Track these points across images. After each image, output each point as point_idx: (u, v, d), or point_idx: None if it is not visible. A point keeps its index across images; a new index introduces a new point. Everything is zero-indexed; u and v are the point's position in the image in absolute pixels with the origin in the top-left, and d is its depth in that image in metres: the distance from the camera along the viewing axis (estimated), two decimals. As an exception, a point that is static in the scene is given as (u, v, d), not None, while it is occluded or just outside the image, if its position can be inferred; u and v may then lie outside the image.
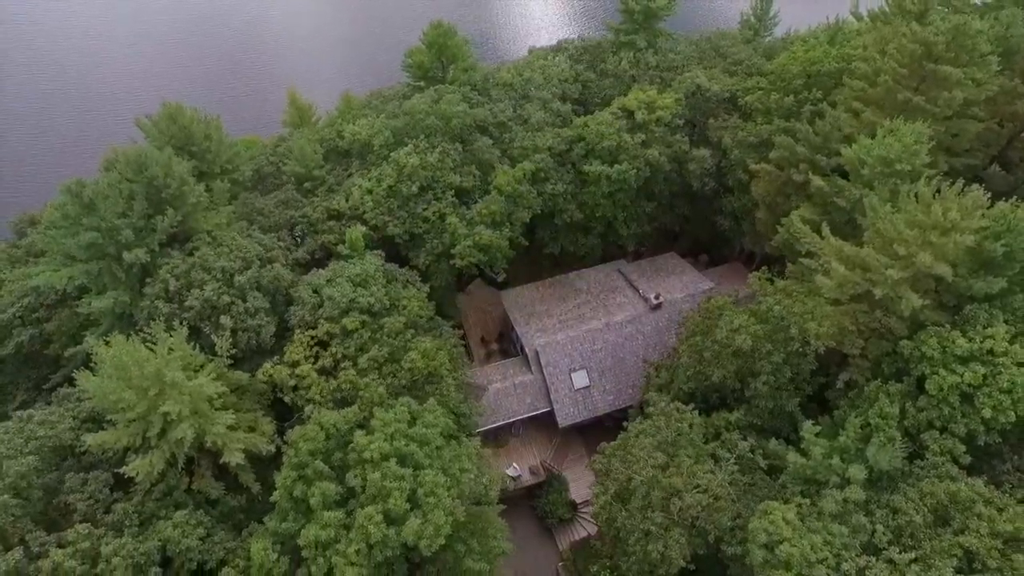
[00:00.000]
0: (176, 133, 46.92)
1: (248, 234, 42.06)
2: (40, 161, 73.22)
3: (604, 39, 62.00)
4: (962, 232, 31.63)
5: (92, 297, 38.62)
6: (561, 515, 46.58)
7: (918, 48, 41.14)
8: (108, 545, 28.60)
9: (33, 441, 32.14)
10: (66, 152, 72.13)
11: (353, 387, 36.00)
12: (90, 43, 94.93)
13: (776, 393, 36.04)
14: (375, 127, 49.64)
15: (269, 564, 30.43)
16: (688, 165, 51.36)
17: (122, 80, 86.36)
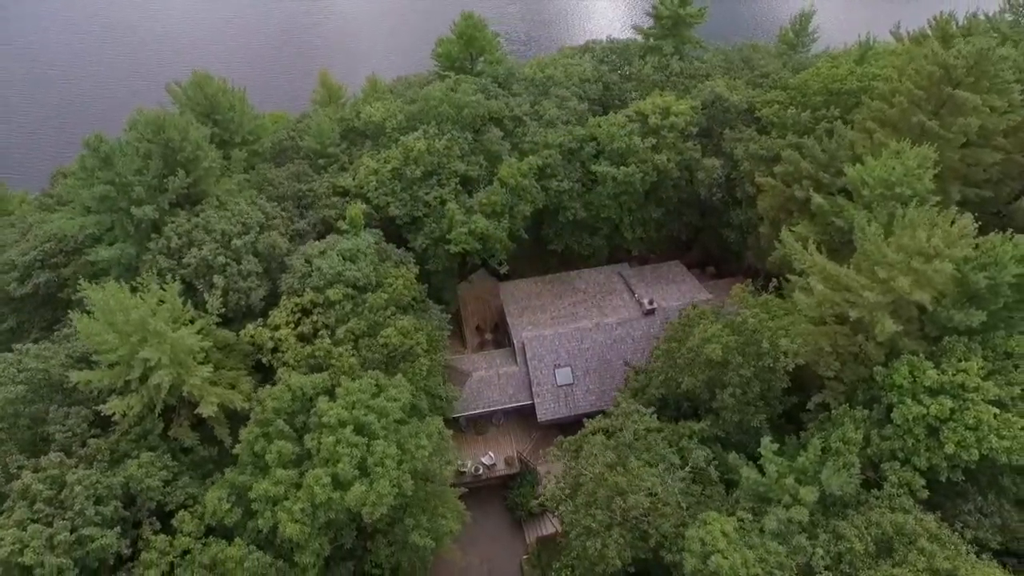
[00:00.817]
0: (201, 101, 49.31)
1: (253, 201, 43.77)
2: (95, 120, 77.39)
3: (632, 42, 61.80)
4: (944, 260, 30.59)
5: (101, 247, 40.95)
6: (530, 509, 46.82)
7: (937, 71, 39.86)
8: (75, 474, 30.45)
9: (25, 372, 34.43)
10: (118, 111, 76.31)
11: (327, 355, 37.21)
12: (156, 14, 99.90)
13: (743, 407, 35.49)
14: (390, 110, 50.90)
15: (221, 512, 31.81)
16: (697, 173, 50.81)
17: (178, 48, 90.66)
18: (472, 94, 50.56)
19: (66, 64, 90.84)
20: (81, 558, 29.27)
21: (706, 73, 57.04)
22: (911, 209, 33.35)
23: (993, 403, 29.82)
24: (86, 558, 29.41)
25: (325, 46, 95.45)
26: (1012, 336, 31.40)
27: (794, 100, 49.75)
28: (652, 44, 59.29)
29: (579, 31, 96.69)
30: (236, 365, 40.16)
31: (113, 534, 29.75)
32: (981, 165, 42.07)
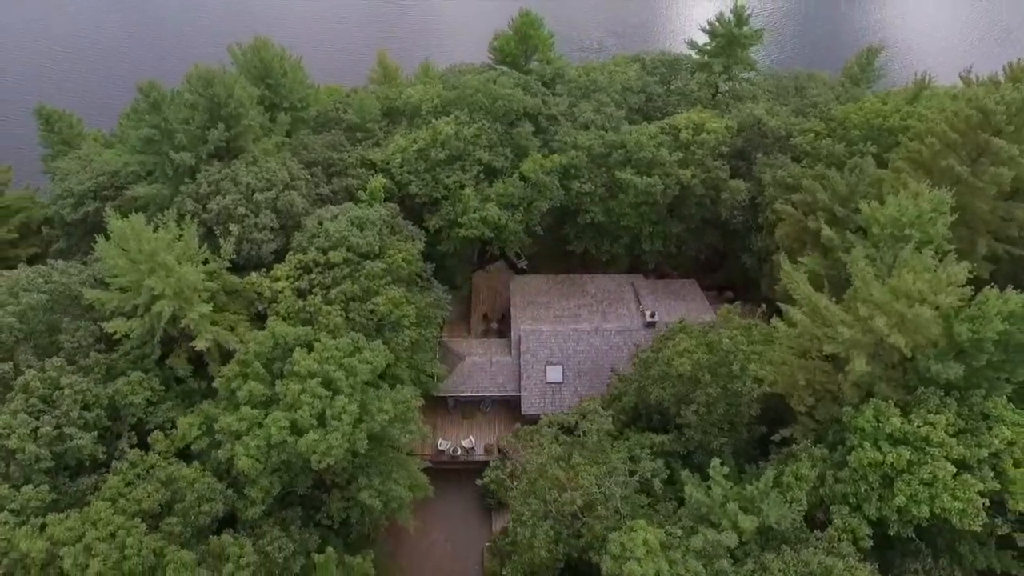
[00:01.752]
0: (257, 64, 52.67)
1: (284, 163, 46.44)
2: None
3: (685, 57, 61.21)
4: (926, 305, 29.24)
5: (141, 185, 44.60)
6: (500, 498, 47.43)
7: (975, 115, 37.95)
8: (68, 379, 33.55)
9: (51, 284, 38.08)
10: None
11: (316, 311, 39.15)
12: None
13: (707, 427, 34.99)
14: (428, 94, 52.69)
15: (190, 437, 34.24)
16: (722, 194, 50.03)
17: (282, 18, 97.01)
18: (509, 88, 51.63)
19: (173, 15, 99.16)
20: (60, 453, 32.25)
21: (752, 95, 55.95)
22: (906, 250, 31.97)
23: (956, 462, 28.30)
24: (64, 455, 32.37)
25: (411, 27, 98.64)
26: (991, 397, 29.59)
27: (833, 132, 48.21)
28: (703, 61, 58.57)
29: (654, 43, 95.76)
30: (239, 310, 42.72)
31: (90, 438, 32.60)
32: (1015, 221, 39.55)
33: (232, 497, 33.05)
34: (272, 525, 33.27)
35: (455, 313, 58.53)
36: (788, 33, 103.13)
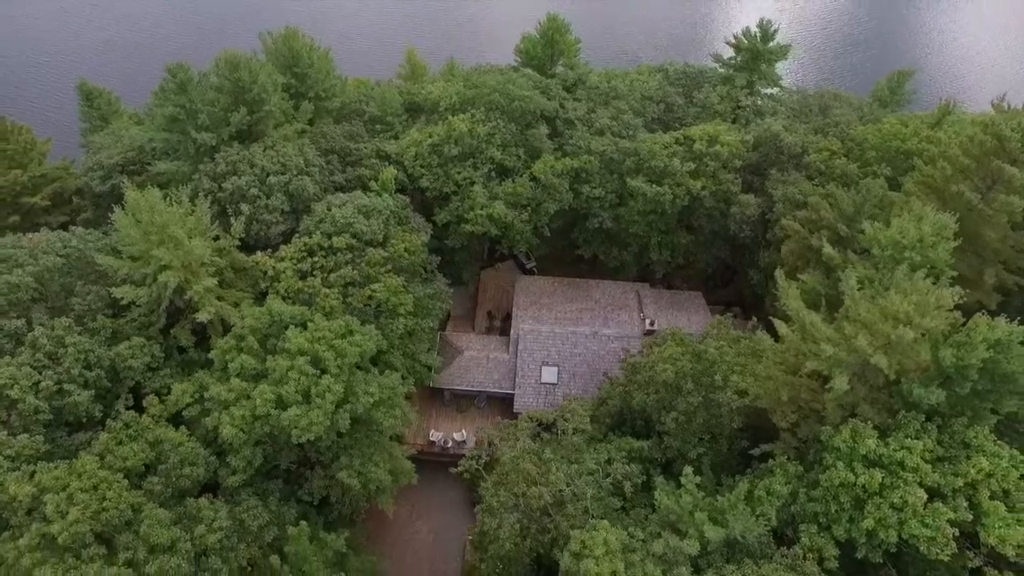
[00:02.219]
0: (285, 53, 54.35)
1: (300, 150, 47.87)
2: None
3: (709, 69, 61.00)
4: (912, 327, 28.73)
5: (163, 161, 46.53)
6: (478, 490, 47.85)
7: (990, 140, 37.10)
8: (73, 338, 35.26)
9: (69, 248, 40.04)
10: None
11: (314, 293, 40.29)
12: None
13: (686, 435, 34.89)
14: (448, 91, 53.66)
15: (182, 404, 35.62)
16: (731, 207, 49.73)
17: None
18: (527, 89, 52.26)
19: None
20: (59, 408, 33.88)
21: (773, 111, 55.45)
22: (899, 271, 31.47)
23: (930, 490, 27.74)
24: (63, 410, 33.99)
25: (446, 26, 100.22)
26: (973, 427, 28.88)
27: (849, 152, 47.56)
28: (727, 74, 58.31)
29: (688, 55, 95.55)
30: (244, 288, 44.15)
31: (88, 395, 34.17)
32: (1019, 253, 38.48)
33: (215, 464, 34.25)
34: (251, 495, 34.23)
35: (461, 309, 59.44)
36: (830, 53, 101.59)
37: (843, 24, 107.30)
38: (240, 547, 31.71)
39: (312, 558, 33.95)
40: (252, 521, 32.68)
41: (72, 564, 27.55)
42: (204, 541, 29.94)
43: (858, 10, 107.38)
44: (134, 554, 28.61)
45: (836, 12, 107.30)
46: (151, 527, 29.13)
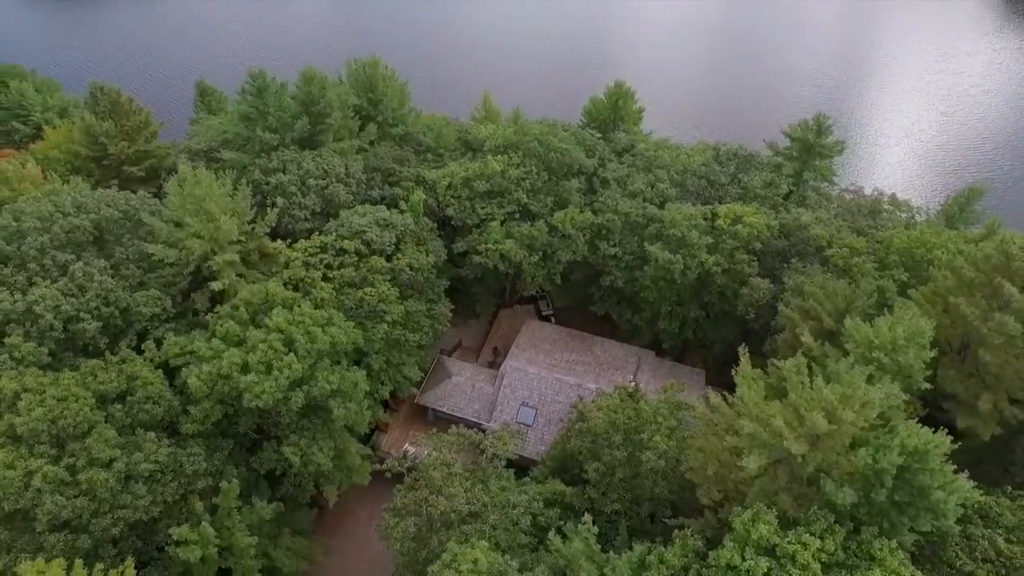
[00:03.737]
0: (363, 79, 61.28)
1: (346, 163, 53.42)
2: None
3: (763, 155, 61.23)
4: (831, 419, 27.84)
5: (228, 151, 53.64)
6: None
7: (996, 256, 35.39)
8: (101, 277, 41.28)
9: (126, 207, 46.78)
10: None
11: (312, 283, 44.49)
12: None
13: (606, 488, 34.84)
14: (495, 133, 57.83)
15: (171, 354, 40.35)
16: (742, 288, 49.32)
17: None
18: (564, 142, 55.32)
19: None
20: (73, 331, 39.60)
21: (813, 203, 54.72)
22: (842, 363, 30.56)
23: (817, 590, 26.18)
24: (76, 334, 39.67)
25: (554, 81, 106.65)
26: (883, 539, 27.04)
27: (873, 252, 46.14)
28: (777, 162, 58.39)
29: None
30: (265, 272, 49.31)
31: (96, 326, 39.70)
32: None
33: (178, 410, 38.31)
34: (200, 445, 37.85)
35: (472, 341, 61.97)
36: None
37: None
38: (170, 484, 35.14)
39: (236, 516, 36.72)
40: (189, 465, 36.14)
41: (23, 454, 32.10)
42: (137, 467, 33.63)
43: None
44: (76, 461, 32.78)
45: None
46: (96, 443, 33.32)
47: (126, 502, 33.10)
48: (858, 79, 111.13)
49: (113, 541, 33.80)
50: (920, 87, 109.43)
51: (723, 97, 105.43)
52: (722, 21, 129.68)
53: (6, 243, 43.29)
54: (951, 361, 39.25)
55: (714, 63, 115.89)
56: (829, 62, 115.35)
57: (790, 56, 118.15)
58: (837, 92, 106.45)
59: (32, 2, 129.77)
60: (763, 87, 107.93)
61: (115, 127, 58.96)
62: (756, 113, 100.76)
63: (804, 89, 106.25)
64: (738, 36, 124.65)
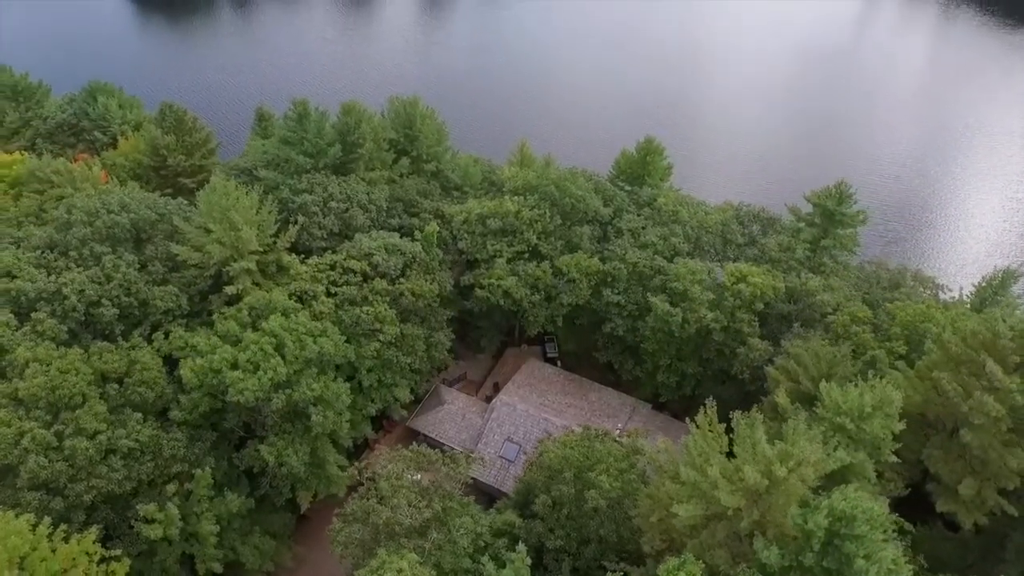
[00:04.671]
0: (402, 115, 65.65)
1: (369, 191, 57.12)
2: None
3: (784, 219, 61.12)
4: (765, 474, 27.67)
5: (265, 169, 58.43)
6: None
7: (984, 333, 34.46)
8: (127, 270, 45.59)
9: (161, 211, 51.55)
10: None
11: (314, 296, 47.48)
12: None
13: (552, 524, 35.13)
14: (517, 175, 60.48)
15: (176, 346, 43.85)
16: (739, 348, 49.05)
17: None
18: (580, 188, 57.27)
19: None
20: (93, 315, 43.71)
21: (828, 270, 54.08)
22: (790, 423, 30.31)
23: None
24: (95, 318, 43.77)
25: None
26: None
27: (879, 322, 45.26)
28: (796, 227, 58.21)
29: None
30: (281, 283, 52.83)
31: (114, 313, 43.77)
32: (1011, 470, 33.74)
33: (169, 397, 41.39)
34: (183, 432, 40.64)
35: (476, 375, 63.48)
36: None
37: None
38: (147, 463, 37.85)
39: (205, 504, 38.98)
40: (168, 449, 38.84)
41: (20, 416, 35.65)
42: (117, 442, 36.56)
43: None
44: (64, 429, 36.04)
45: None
46: (86, 415, 36.58)
47: (102, 473, 35.93)
48: (928, 159, 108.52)
49: (87, 509, 36.49)
50: (987, 170, 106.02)
51: (788, 164, 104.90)
52: (798, 86, 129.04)
53: (56, 232, 48.65)
54: (941, 441, 37.69)
55: (782, 127, 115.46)
56: (903, 138, 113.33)
57: (861, 127, 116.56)
58: (908, 173, 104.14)
59: (149, 35, 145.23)
60: (828, 154, 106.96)
61: (176, 142, 65.32)
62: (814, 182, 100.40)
63: (864, 165, 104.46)
64: (810, 100, 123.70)
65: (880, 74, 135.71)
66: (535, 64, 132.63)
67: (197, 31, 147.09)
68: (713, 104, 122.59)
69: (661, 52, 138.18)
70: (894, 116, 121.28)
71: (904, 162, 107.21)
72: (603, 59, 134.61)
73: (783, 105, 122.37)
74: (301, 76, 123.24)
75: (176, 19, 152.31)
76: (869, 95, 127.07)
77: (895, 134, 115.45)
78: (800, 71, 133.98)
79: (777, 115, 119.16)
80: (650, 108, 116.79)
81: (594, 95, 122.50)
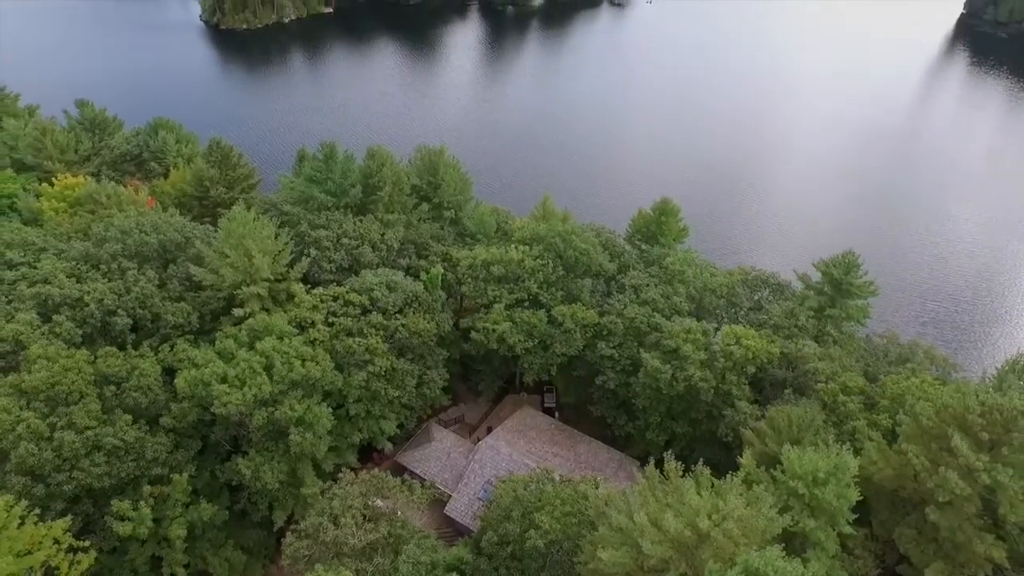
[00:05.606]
0: (428, 164, 69.62)
1: (382, 231, 60.48)
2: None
3: (793, 287, 60.82)
4: (688, 526, 27.77)
5: (290, 205, 62.82)
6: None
7: (956, 408, 33.72)
8: (145, 284, 49.73)
9: (187, 234, 56.11)
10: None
11: (311, 324, 50.29)
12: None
13: (498, 562, 35.56)
14: (526, 226, 62.81)
15: (179, 357, 47.15)
16: (725, 410, 48.72)
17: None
18: (585, 242, 58.96)
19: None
20: (109, 322, 47.75)
21: (832, 340, 53.32)
22: (729, 480, 30.31)
23: None
24: (109, 325, 47.79)
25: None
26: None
27: (869, 395, 44.45)
28: (804, 295, 57.84)
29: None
30: (288, 309, 56.06)
31: (127, 323, 47.77)
32: (978, 553, 32.17)
33: (161, 400, 44.36)
34: (170, 440, 43.34)
35: (474, 418, 64.54)
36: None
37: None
38: (129, 463, 40.52)
39: (178, 508, 41.16)
40: (151, 452, 41.51)
41: (21, 405, 39.17)
42: (103, 440, 39.45)
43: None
44: (57, 422, 39.27)
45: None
46: (80, 411, 39.80)
47: (84, 466, 38.76)
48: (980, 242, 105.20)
49: (68, 500, 39.21)
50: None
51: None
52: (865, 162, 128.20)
53: (92, 246, 53.72)
54: (915, 520, 36.22)
55: (838, 201, 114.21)
56: (956, 217, 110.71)
57: (915, 203, 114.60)
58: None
59: (228, 78, 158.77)
60: (879, 229, 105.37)
61: (219, 175, 71.11)
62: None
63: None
64: (869, 177, 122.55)
65: (941, 153, 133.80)
66: (580, 126, 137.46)
67: (272, 76, 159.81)
68: (769, 176, 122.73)
69: (716, 121, 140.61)
70: (952, 195, 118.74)
71: (955, 242, 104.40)
72: (654, 127, 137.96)
73: (844, 181, 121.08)
74: (355, 122, 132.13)
75: (253, 66, 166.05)
76: (930, 174, 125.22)
77: (948, 212, 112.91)
78: (861, 149, 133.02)
79: (834, 191, 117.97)
80: (702, 175, 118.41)
81: (639, 160, 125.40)
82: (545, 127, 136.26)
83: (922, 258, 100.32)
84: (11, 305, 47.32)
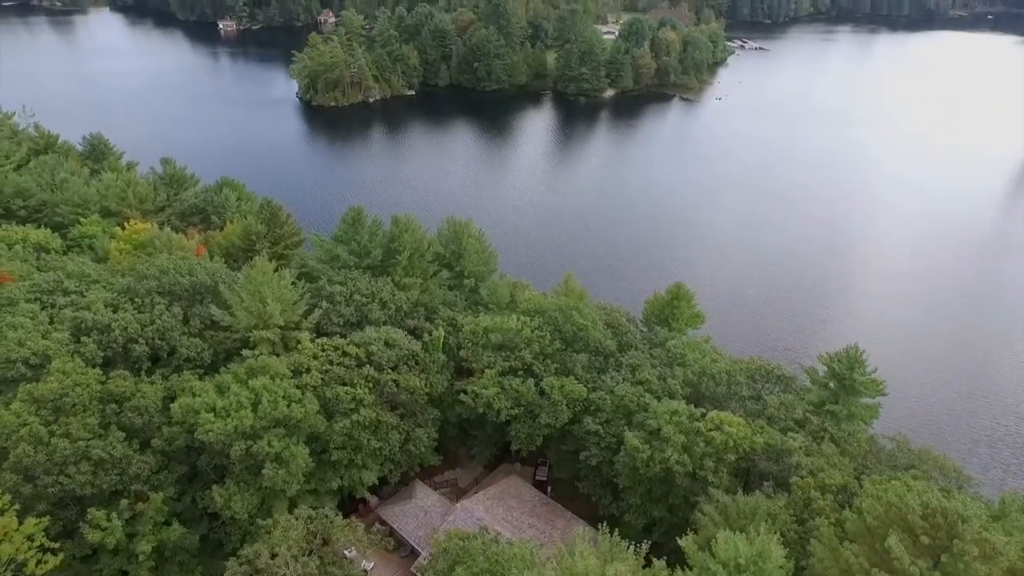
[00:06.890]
0: (453, 234, 74.23)
1: (394, 292, 64.60)
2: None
3: (804, 385, 59.46)
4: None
5: (317, 262, 68.37)
6: None
7: (898, 505, 32.70)
8: (167, 319, 55.30)
9: (217, 280, 62.01)
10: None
11: (307, 370, 53.93)
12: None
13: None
14: (537, 301, 65.22)
15: (183, 386, 51.69)
16: (699, 497, 47.79)
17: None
18: (589, 319, 60.60)
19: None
20: (128, 348, 53.29)
21: (829, 438, 51.58)
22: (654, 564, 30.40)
23: None
24: (129, 351, 53.27)
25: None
26: None
27: (850, 493, 42.86)
28: (808, 388, 56.51)
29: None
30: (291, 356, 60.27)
31: (144, 351, 53.28)
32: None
33: (156, 421, 48.54)
34: (156, 460, 47.13)
35: (466, 483, 65.26)
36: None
37: None
38: (112, 475, 44.35)
39: (149, 526, 44.32)
40: (135, 468, 45.30)
41: (29, 410, 44.25)
42: (91, 450, 43.63)
43: None
44: (56, 429, 43.92)
45: None
46: (78, 423, 44.36)
47: (71, 472, 42.81)
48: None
49: (53, 503, 43.16)
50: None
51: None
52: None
53: (134, 282, 60.48)
54: (866, 631, 34.08)
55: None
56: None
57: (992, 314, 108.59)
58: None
59: (314, 148, 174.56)
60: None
61: (266, 231, 78.36)
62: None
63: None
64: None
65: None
66: (634, 211, 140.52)
67: (351, 149, 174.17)
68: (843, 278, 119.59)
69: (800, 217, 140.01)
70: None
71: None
72: (728, 217, 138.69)
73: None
74: (415, 194, 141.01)
75: (335, 138, 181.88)
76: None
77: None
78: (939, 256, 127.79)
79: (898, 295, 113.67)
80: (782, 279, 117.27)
81: (710, 251, 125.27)
82: (604, 210, 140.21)
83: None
84: (52, 325, 53.93)
